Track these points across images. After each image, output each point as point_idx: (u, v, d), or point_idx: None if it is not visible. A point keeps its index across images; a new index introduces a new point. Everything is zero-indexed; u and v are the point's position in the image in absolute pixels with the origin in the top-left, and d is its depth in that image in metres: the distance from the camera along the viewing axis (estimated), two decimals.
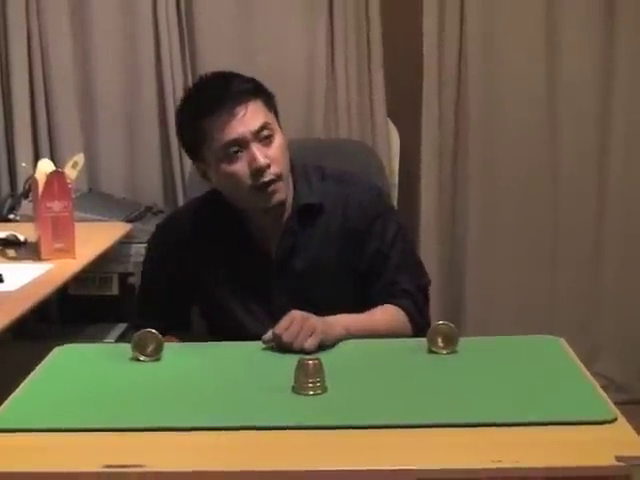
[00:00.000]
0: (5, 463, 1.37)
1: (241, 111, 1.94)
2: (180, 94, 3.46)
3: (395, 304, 2.05)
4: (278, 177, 1.97)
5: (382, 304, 2.04)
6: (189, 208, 2.22)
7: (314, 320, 1.83)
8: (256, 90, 1.99)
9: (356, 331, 1.91)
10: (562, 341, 1.83)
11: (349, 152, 2.58)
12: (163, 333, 1.86)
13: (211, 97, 1.96)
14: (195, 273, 2.09)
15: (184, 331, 2.13)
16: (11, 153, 3.57)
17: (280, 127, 2.03)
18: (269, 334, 1.82)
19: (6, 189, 3.54)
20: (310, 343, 1.79)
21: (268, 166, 1.95)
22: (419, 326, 2.05)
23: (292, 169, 2.07)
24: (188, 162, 3.44)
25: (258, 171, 1.94)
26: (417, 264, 2.16)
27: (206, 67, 3.48)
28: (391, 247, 2.09)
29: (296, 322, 1.81)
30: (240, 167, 1.95)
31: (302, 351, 1.77)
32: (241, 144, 1.94)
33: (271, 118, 1.99)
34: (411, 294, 2.07)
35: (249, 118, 1.94)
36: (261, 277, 2.06)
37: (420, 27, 3.49)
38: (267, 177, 1.95)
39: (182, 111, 2.04)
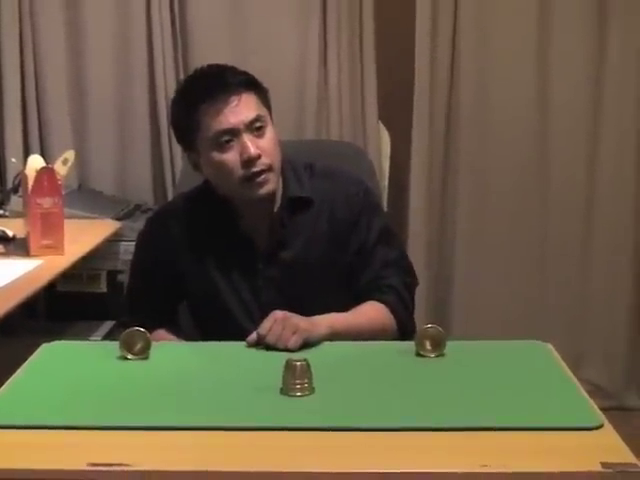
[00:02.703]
0: None
1: (234, 101, 1.96)
2: (172, 93, 3.44)
3: (380, 299, 2.06)
4: (268, 168, 1.99)
5: (368, 298, 2.06)
6: (178, 202, 2.22)
7: (296, 319, 1.84)
8: (250, 83, 2.01)
9: (340, 329, 1.93)
10: (549, 346, 1.83)
11: (340, 154, 2.59)
12: (152, 329, 1.86)
13: (206, 86, 1.99)
14: (185, 267, 2.09)
15: (173, 327, 2.13)
16: (1, 148, 3.56)
17: (272, 122, 2.04)
18: (253, 336, 1.84)
19: None
20: (294, 342, 1.80)
21: (259, 156, 1.97)
22: (404, 323, 2.07)
23: (282, 165, 2.08)
24: (178, 161, 3.47)
25: (249, 161, 1.96)
26: (405, 262, 2.17)
27: (198, 66, 3.48)
28: (377, 242, 2.11)
29: (278, 322, 1.83)
30: (231, 156, 1.97)
31: (286, 349, 1.78)
32: (233, 133, 1.96)
33: (264, 111, 2.01)
34: (397, 290, 2.09)
35: (242, 108, 1.96)
36: (250, 269, 2.08)
37: (413, 31, 3.50)
38: (258, 167, 1.97)
39: (176, 101, 2.07)
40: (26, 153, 3.41)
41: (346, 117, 3.53)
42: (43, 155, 3.13)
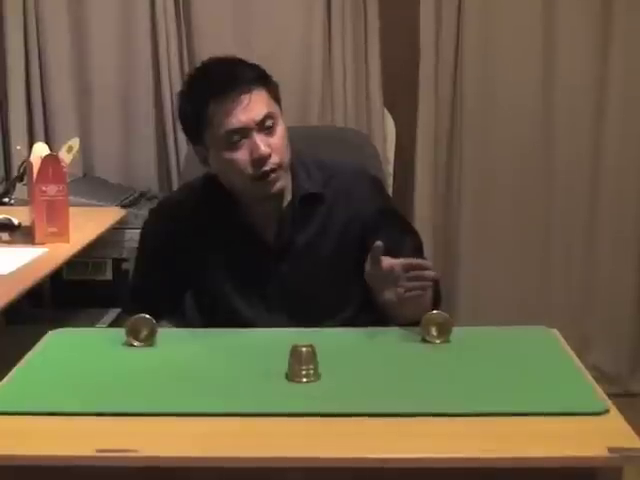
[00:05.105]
0: None
1: (245, 99, 1.92)
2: (176, 81, 3.47)
3: None
4: (279, 166, 1.96)
5: None
6: (183, 192, 2.21)
7: None
8: (261, 79, 1.97)
9: None
10: (555, 332, 1.83)
11: (345, 140, 2.58)
12: (156, 319, 1.86)
13: (216, 83, 1.94)
14: (189, 257, 2.08)
15: (177, 317, 2.13)
16: (6, 136, 3.56)
17: (282, 116, 2.01)
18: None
19: (1, 172, 3.54)
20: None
21: (269, 155, 1.94)
22: (438, 300, 2.02)
23: (291, 160, 2.06)
24: (183, 148, 3.46)
25: (260, 160, 1.93)
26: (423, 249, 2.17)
27: (203, 54, 3.47)
28: (404, 233, 2.10)
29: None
30: (241, 155, 1.94)
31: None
32: (244, 133, 1.93)
33: (274, 107, 1.98)
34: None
35: (253, 107, 1.93)
36: (256, 263, 2.06)
37: (417, 16, 3.49)
38: (268, 166, 1.94)
39: (185, 94, 2.02)
40: (31, 141, 3.41)
41: (350, 104, 3.52)
42: (48, 143, 3.12)
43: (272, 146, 1.94)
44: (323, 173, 2.09)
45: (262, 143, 1.93)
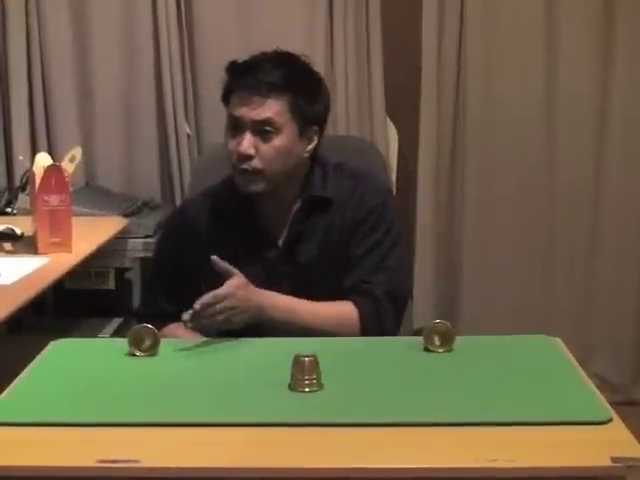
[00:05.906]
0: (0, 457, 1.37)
1: (254, 97, 1.97)
2: (178, 90, 3.48)
3: (356, 303, 2.04)
4: (258, 171, 2.00)
5: (348, 298, 2.05)
6: (205, 194, 2.23)
7: (249, 305, 1.91)
8: (285, 86, 1.99)
9: (295, 320, 1.97)
10: (558, 341, 1.83)
11: (351, 148, 2.56)
12: (170, 321, 1.91)
13: (243, 73, 2.01)
14: (204, 261, 2.09)
15: None
16: (8, 146, 3.56)
17: (301, 132, 2.02)
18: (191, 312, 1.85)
19: (3, 182, 3.54)
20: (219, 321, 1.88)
21: (251, 157, 1.98)
22: (367, 331, 2.02)
23: (313, 162, 2.10)
24: (186, 157, 3.47)
25: (239, 155, 1.99)
26: (398, 274, 2.13)
27: (204, 57, 3.50)
28: (374, 246, 2.08)
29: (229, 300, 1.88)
30: (232, 142, 2.01)
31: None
32: (240, 125, 1.99)
33: (285, 118, 1.99)
34: (376, 299, 2.04)
35: (257, 108, 1.97)
36: (267, 263, 2.09)
37: (419, 25, 3.50)
38: (246, 166, 1.99)
39: (226, 68, 2.07)
40: (33, 151, 3.41)
41: (353, 113, 3.53)
42: (50, 153, 3.13)
43: (260, 151, 1.99)
44: (339, 178, 2.12)
45: (248, 143, 1.98)
